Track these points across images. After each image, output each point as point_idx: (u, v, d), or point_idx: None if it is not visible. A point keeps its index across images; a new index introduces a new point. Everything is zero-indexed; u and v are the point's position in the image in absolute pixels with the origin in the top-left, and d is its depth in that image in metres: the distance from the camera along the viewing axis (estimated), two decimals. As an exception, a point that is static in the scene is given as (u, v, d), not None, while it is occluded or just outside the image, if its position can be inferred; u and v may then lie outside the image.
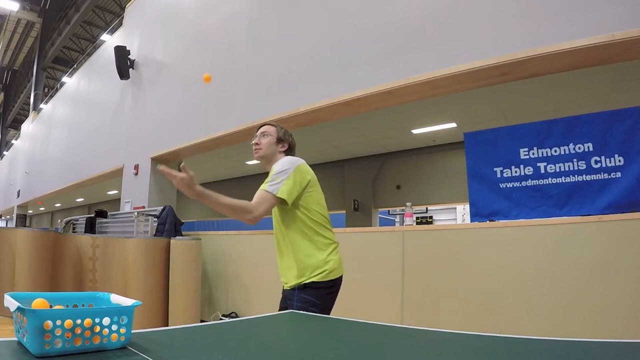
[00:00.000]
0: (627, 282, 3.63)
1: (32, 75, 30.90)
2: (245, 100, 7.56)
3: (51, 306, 1.45)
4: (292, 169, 2.82)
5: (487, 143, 5.08)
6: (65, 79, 25.06)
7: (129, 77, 11.09)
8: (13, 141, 34.47)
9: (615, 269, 3.71)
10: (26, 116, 32.61)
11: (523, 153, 4.83)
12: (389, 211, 19.09)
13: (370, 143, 13.26)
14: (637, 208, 4.12)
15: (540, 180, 4.68)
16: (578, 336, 1.85)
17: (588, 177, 4.44)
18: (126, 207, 10.00)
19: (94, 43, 25.80)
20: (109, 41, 14.13)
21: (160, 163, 9.61)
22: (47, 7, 29.04)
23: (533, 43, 4.36)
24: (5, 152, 34.11)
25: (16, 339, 1.38)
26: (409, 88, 5.29)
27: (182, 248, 6.80)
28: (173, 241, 6.93)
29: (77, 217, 10.83)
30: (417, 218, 8.83)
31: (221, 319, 6.13)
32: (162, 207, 8.10)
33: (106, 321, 1.33)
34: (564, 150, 4.58)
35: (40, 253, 6.99)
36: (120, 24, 13.98)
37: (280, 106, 6.74)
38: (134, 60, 11.14)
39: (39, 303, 1.43)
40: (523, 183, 4.79)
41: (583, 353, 1.44)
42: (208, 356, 1.37)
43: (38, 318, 1.24)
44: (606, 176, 4.35)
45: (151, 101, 10.35)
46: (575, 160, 4.52)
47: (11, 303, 1.31)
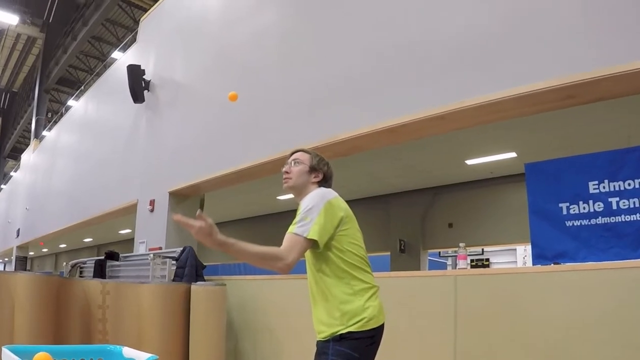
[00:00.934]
0: None
1: (34, 98, 31.56)
2: (275, 126, 7.73)
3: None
4: (322, 205, 2.91)
5: (551, 175, 5.14)
6: (71, 103, 25.81)
7: (144, 100, 11.31)
8: (12, 173, 35.26)
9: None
10: (26, 145, 33.11)
11: (592, 187, 4.88)
12: (440, 253, 19.04)
13: (418, 175, 13.27)
14: None
15: (611, 217, 4.72)
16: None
17: (667, 215, 4.49)
18: (140, 249, 10.24)
19: (104, 61, 26.51)
20: (121, 59, 14.55)
21: (179, 198, 9.91)
22: (51, 21, 29.64)
23: (603, 62, 4.43)
24: (3, 186, 34.75)
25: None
26: (463, 112, 5.38)
27: (205, 294, 6.94)
28: (194, 287, 7.07)
29: (85, 260, 10.97)
30: (472, 261, 8.89)
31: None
32: (182, 249, 8.23)
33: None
34: (639, 183, 4.63)
35: (42, 300, 6.95)
36: (133, 40, 14.40)
37: (315, 133, 6.88)
38: (150, 81, 11.40)
39: (42, 358, 1.43)
40: (592, 221, 4.83)
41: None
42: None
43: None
44: (689, 213, 4.39)
45: (169, 127, 10.60)
46: (652, 195, 4.56)
47: (10, 358, 1.28)
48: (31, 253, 27.73)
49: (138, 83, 11.24)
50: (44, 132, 26.84)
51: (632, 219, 4.62)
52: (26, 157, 25.96)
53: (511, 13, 5.24)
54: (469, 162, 12.01)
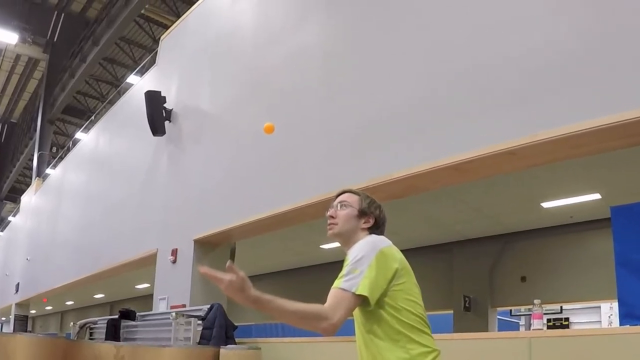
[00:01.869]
0: None
1: (35, 130, 32.26)
2: (318, 162, 7.84)
3: None
4: (374, 255, 2.92)
5: (642, 220, 5.16)
6: (79, 135, 26.26)
7: (165, 133, 11.55)
8: (10, 217, 35.81)
9: None
10: (27, 185, 33.64)
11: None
12: (511, 311, 18.86)
13: (485, 221, 13.24)
14: None
15: None
16: None
17: None
18: (161, 306, 10.40)
19: (118, 87, 26.84)
20: (138, 84, 14.98)
21: (206, 247, 10.06)
22: (56, 40, 30.48)
23: None
24: (0, 233, 35.06)
25: None
26: (537, 147, 5.42)
27: (236, 359, 7.02)
28: (223, 351, 7.17)
29: (96, 319, 11.14)
30: (549, 320, 8.85)
31: None
32: (209, 306, 8.36)
33: None
34: None
35: (46, 366, 7.14)
36: (152, 62, 14.82)
37: (365, 171, 6.94)
38: (171, 110, 11.68)
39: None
40: (690, 275, 4.84)
41: None
42: None
43: None
44: None
45: (194, 164, 10.80)
46: None
47: None
48: (33, 311, 28.08)
49: (158, 112, 11.48)
50: (48, 170, 27.39)
51: None
52: (27, 199, 26.64)
53: (596, 29, 5.24)
54: (545, 205, 11.93)
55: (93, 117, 24.06)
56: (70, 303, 30.43)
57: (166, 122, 11.57)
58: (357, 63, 7.63)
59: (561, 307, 14.88)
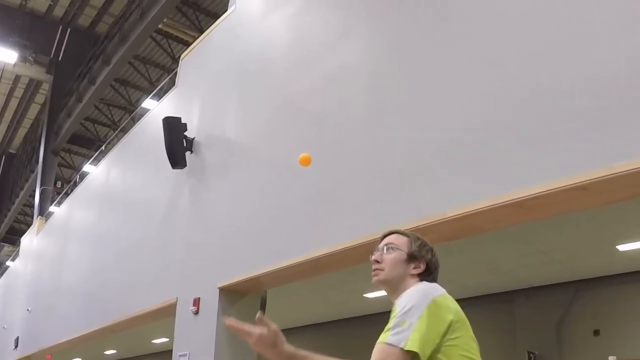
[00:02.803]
0: None
1: (37, 162, 32.44)
2: (361, 200, 7.86)
3: None
4: (425, 306, 2.90)
5: None
6: (87, 168, 26.51)
7: (185, 165, 11.63)
8: (8, 262, 36.00)
9: None
10: (28, 224, 33.87)
11: None
12: (583, 368, 18.72)
13: (553, 266, 13.16)
14: None
15: None
16: None
17: None
18: (181, 364, 10.45)
19: (132, 113, 27.09)
20: (155, 110, 15.15)
21: (232, 296, 10.13)
22: (61, 58, 30.84)
23: None
24: (-5, 280, 35.43)
25: None
26: (614, 181, 5.39)
27: None
28: (253, 417, 7.22)
29: None
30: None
31: None
32: (236, 365, 8.40)
33: None
34: None
35: None
36: (171, 84, 15.05)
37: (414, 209, 6.97)
38: (193, 139, 11.80)
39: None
40: None
41: None
42: None
43: None
44: None
45: (219, 201, 10.88)
46: None
47: None
48: (35, 371, 28.27)
49: (178, 142, 11.58)
50: (51, 208, 27.74)
51: None
52: (27, 241, 26.88)
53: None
54: (621, 248, 11.82)
55: (103, 147, 24.31)
56: (77, 360, 30.58)
57: (187, 153, 11.66)
58: (407, 85, 7.66)
59: (640, 365, 14.69)
